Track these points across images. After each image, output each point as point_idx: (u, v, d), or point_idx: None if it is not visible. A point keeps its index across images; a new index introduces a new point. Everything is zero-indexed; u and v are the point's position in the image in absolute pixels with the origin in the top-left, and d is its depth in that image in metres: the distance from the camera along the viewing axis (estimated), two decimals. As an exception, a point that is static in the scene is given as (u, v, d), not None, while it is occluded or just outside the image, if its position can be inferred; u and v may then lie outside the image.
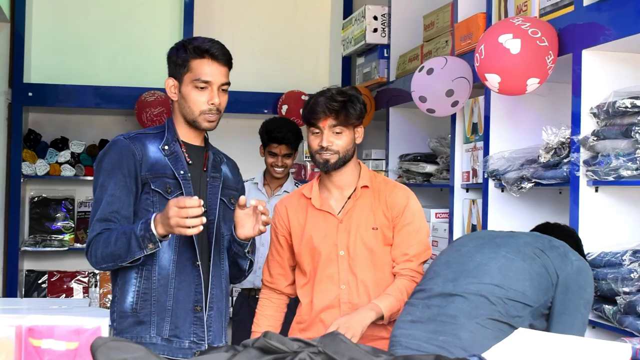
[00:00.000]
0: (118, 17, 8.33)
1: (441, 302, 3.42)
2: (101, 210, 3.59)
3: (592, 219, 4.10)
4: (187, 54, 3.69)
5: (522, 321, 3.33)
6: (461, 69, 5.30)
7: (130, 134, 3.78)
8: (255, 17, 8.73)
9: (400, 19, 7.13)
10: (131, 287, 3.64)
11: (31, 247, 8.21)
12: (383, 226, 4.04)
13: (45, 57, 8.38)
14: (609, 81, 4.07)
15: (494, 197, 5.11)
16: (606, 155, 3.89)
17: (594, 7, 4.02)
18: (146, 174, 3.65)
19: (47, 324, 2.67)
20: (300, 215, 4.14)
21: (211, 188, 3.80)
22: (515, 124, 5.08)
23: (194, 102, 3.69)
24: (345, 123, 3.94)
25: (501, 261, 3.47)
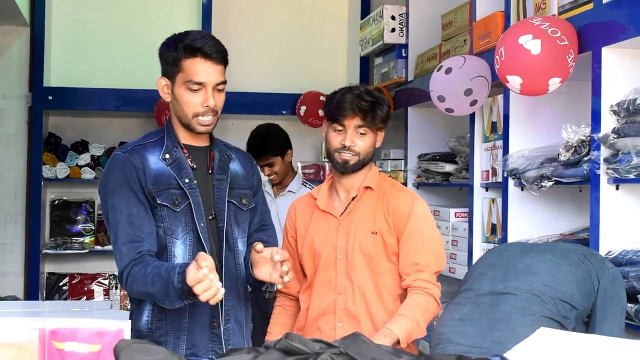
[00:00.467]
0: (136, 20, 8.36)
1: (491, 300, 3.45)
2: (124, 233, 3.38)
3: (613, 217, 4.08)
4: (178, 53, 3.46)
5: (570, 323, 3.37)
6: (480, 68, 5.30)
7: (127, 147, 3.56)
8: (272, 18, 8.74)
9: (418, 19, 7.12)
10: (146, 305, 3.49)
11: (52, 249, 8.25)
12: (383, 231, 3.88)
13: (64, 61, 8.42)
14: (629, 78, 4.06)
15: (513, 196, 5.10)
16: (627, 153, 3.88)
17: (613, 4, 4.01)
18: (151, 188, 3.45)
19: (69, 326, 2.68)
20: (306, 216, 4.04)
21: (218, 192, 3.58)
22: (535, 123, 5.07)
23: (187, 104, 3.47)
24: (371, 124, 3.82)
25: (549, 264, 3.53)
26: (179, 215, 3.44)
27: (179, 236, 3.44)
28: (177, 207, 3.44)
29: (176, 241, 3.43)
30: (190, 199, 3.45)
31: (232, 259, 3.59)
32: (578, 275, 3.49)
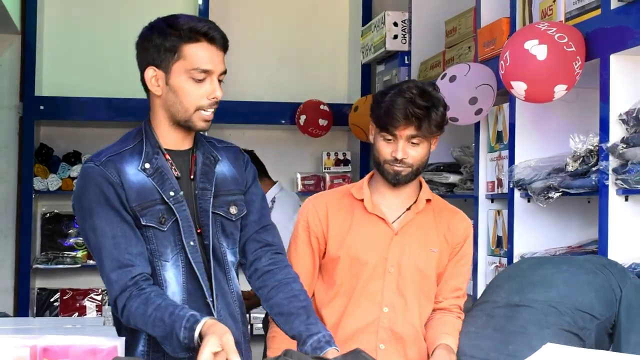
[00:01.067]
0: (129, 28, 8.30)
1: (507, 313, 3.47)
2: (109, 258, 3.04)
3: (622, 229, 4.09)
4: (175, 38, 3.07)
5: (590, 334, 3.38)
6: (485, 75, 5.31)
7: (101, 157, 3.15)
8: (271, 25, 8.77)
9: (421, 25, 7.14)
10: (141, 333, 3.14)
11: (43, 264, 8.25)
12: (443, 251, 3.66)
13: (56, 70, 8.45)
14: (638, 86, 4.07)
15: (520, 208, 5.11)
16: (636, 163, 3.89)
17: (621, 10, 4.03)
18: (134, 206, 3.08)
19: (62, 344, 2.69)
20: (344, 217, 3.65)
21: (201, 203, 3.21)
22: (542, 132, 5.08)
23: (189, 96, 3.10)
24: (426, 133, 3.49)
25: (565, 275, 3.54)
26: (167, 234, 3.13)
27: (169, 258, 3.14)
28: (164, 225, 3.11)
29: (166, 264, 3.12)
30: (177, 215, 3.12)
31: (223, 275, 3.26)
32: (596, 284, 3.50)
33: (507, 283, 3.67)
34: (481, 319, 3.50)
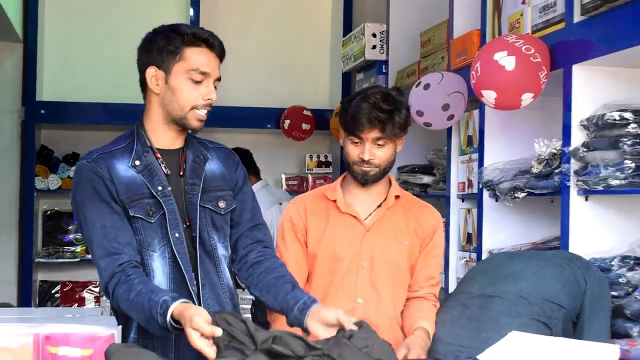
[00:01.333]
0: (125, 38, 8.35)
1: (480, 303, 3.48)
2: (99, 247, 3.04)
3: (583, 227, 4.11)
4: (179, 41, 3.11)
5: (557, 323, 3.40)
6: (457, 84, 5.32)
7: (92, 155, 3.15)
8: (258, 35, 8.77)
9: (398, 36, 7.15)
10: (132, 321, 3.13)
11: (44, 258, 8.25)
12: (413, 244, 3.62)
13: (56, 76, 8.43)
14: (598, 95, 4.07)
15: (488, 207, 5.13)
16: (595, 166, 3.91)
17: (583, 24, 4.04)
18: (124, 199, 3.09)
19: (63, 332, 2.70)
20: (320, 217, 3.64)
21: (190, 197, 3.20)
22: (509, 137, 5.10)
23: (185, 95, 3.11)
24: (390, 135, 3.47)
25: (534, 268, 3.57)
26: (154, 226, 3.12)
27: (156, 249, 3.13)
28: (152, 217, 3.11)
29: (153, 254, 3.12)
30: (165, 208, 3.11)
31: (213, 267, 3.24)
32: (563, 277, 3.53)
33: (481, 276, 3.69)
34: (456, 309, 3.51)
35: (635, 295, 3.69)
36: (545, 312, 3.40)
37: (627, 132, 3.78)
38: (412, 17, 7.07)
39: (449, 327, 3.46)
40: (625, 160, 3.76)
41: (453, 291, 3.76)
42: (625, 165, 3.75)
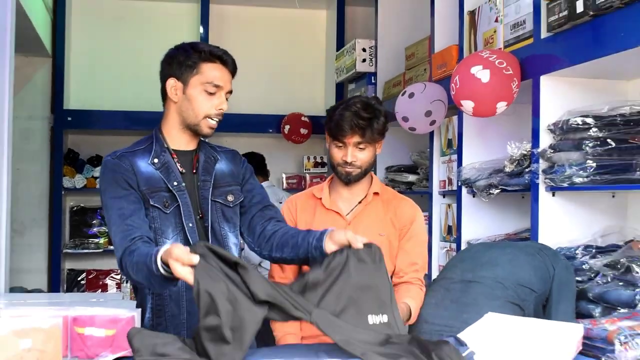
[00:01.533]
0: (143, 53, 8.37)
1: (462, 287, 3.48)
2: (115, 225, 3.04)
3: (550, 220, 4.11)
4: (196, 57, 3.15)
5: (529, 305, 3.40)
6: (438, 93, 5.33)
7: (117, 153, 3.19)
8: (261, 50, 8.76)
9: (385, 51, 7.16)
10: (147, 303, 3.17)
11: (71, 249, 8.25)
12: (390, 234, 3.59)
13: (81, 87, 8.43)
14: (563, 102, 4.07)
15: (466, 202, 5.13)
16: (561, 165, 3.91)
17: (550, 39, 4.05)
18: (144, 189, 3.11)
19: (88, 314, 2.70)
20: (308, 214, 3.67)
21: (202, 192, 3.22)
22: (484, 140, 5.10)
23: (200, 105, 3.15)
24: (370, 139, 3.48)
25: (509, 256, 3.56)
26: (169, 216, 3.14)
27: (169, 236, 3.14)
28: (167, 209, 3.13)
29: (167, 241, 3.11)
30: (179, 201, 3.13)
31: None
32: (534, 264, 3.54)
33: (461, 263, 3.69)
34: (440, 292, 3.51)
35: (597, 280, 3.69)
36: (519, 296, 3.40)
37: (588, 135, 3.78)
38: (397, 33, 7.09)
39: (434, 309, 3.45)
40: (588, 160, 3.76)
41: (436, 277, 3.75)
42: (588, 164, 3.76)
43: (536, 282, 3.48)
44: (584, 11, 3.66)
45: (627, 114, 3.75)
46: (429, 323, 3.39)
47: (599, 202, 4.21)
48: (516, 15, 4.47)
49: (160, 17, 8.67)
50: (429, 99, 5.30)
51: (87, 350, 2.65)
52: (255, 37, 8.80)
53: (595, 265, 3.72)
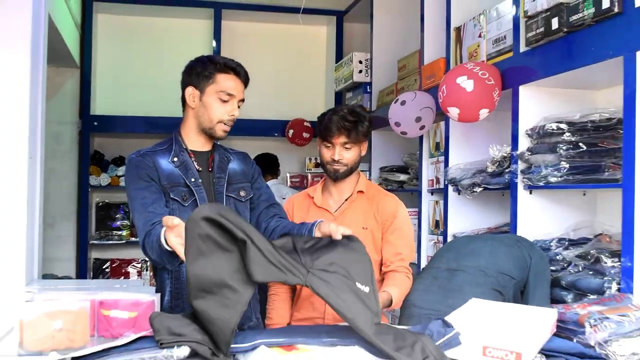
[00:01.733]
0: (162, 63, 8.37)
1: (447, 275, 3.48)
2: (138, 213, 3.08)
3: (528, 215, 4.11)
4: (213, 68, 3.21)
5: (509, 291, 3.41)
6: (427, 101, 5.33)
7: (140, 152, 3.24)
8: (268, 62, 8.75)
9: (380, 63, 7.16)
10: (166, 287, 3.22)
11: (97, 240, 8.24)
12: (373, 227, 3.61)
13: (106, 95, 8.43)
14: (539, 109, 4.07)
15: (452, 199, 5.14)
16: (538, 166, 3.91)
17: (528, 53, 4.05)
18: (165, 184, 3.15)
19: (113, 298, 2.71)
20: (302, 211, 3.74)
21: (218, 188, 3.26)
22: (469, 143, 5.10)
23: (215, 111, 3.20)
24: (355, 140, 3.56)
25: (490, 247, 3.58)
26: (187, 209, 3.15)
27: None
28: (185, 202, 3.17)
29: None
30: (196, 195, 3.17)
31: None
32: (513, 254, 3.55)
33: (447, 253, 3.69)
34: (428, 279, 3.51)
35: (569, 269, 3.69)
36: (500, 283, 3.41)
37: (562, 139, 3.78)
38: (390, 47, 7.09)
39: (422, 295, 3.46)
40: (561, 162, 3.76)
41: (425, 266, 3.76)
42: (561, 165, 3.76)
43: (515, 270, 3.48)
44: (559, 28, 3.67)
45: (597, 120, 3.75)
46: (417, 307, 3.39)
47: (571, 200, 4.21)
48: (497, 32, 4.47)
49: (177, 32, 8.66)
50: (419, 106, 5.30)
51: (112, 330, 2.65)
52: (262, 51, 8.79)
53: (568, 256, 3.73)
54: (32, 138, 4.43)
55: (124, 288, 3.02)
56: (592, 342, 2.51)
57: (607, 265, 3.42)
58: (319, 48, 9.10)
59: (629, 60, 3.14)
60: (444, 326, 2.40)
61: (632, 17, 3.17)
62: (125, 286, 3.26)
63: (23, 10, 4.35)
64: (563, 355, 2.42)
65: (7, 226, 4.28)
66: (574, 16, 3.55)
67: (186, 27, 8.72)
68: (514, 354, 2.20)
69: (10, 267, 4.26)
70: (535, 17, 3.89)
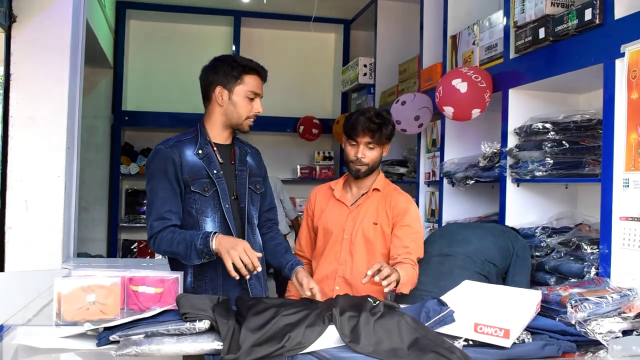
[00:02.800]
0: (187, 64, 8.36)
1: (439, 260, 3.48)
2: (156, 211, 3.04)
3: (515, 206, 4.11)
4: (240, 69, 3.18)
5: (492, 277, 3.42)
6: (425, 101, 5.32)
7: (169, 142, 3.17)
8: (282, 65, 8.74)
9: (382, 67, 7.15)
10: (189, 269, 3.11)
11: (126, 223, 8.25)
12: (383, 222, 3.47)
13: (136, 92, 8.43)
14: (526, 110, 4.07)
15: (447, 191, 5.13)
16: (525, 162, 3.91)
17: (517, 60, 4.04)
18: (187, 177, 3.09)
19: (141, 275, 2.71)
20: (323, 202, 3.66)
21: (240, 179, 3.23)
22: (462, 140, 5.09)
23: (243, 108, 3.18)
24: (378, 141, 3.43)
25: (479, 236, 3.59)
26: (208, 199, 3.13)
27: (209, 215, 3.14)
28: (207, 192, 3.12)
29: (206, 219, 3.12)
30: (218, 186, 3.13)
31: (251, 231, 3.24)
32: (499, 244, 3.54)
33: (439, 240, 3.68)
34: (422, 264, 3.50)
35: (552, 255, 3.69)
36: (485, 269, 3.42)
37: (547, 137, 3.77)
38: (392, 53, 7.08)
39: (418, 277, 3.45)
40: (546, 158, 3.75)
41: None
42: (546, 161, 3.75)
43: (499, 258, 3.49)
44: (545, 37, 3.66)
45: (579, 121, 3.74)
46: (413, 288, 3.39)
47: (554, 192, 4.20)
48: (490, 40, 4.46)
49: (201, 37, 8.66)
50: (417, 106, 5.29)
51: (140, 304, 2.66)
52: (277, 54, 8.78)
53: (551, 243, 3.72)
54: (70, 131, 4.44)
55: (150, 267, 3.03)
56: (573, 321, 2.50)
57: (586, 251, 3.41)
58: (328, 53, 9.08)
59: (608, 67, 3.12)
60: (439, 305, 2.39)
61: (612, 28, 3.16)
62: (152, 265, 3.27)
63: (64, 17, 4.36)
64: (547, 332, 2.41)
65: (47, 209, 4.29)
66: (559, 27, 3.54)
67: (209, 32, 8.72)
68: (503, 330, 2.20)
69: (49, 246, 4.28)
70: (524, 27, 3.87)
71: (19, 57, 4.25)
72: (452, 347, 2.10)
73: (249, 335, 2.09)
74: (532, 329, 2.41)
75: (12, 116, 4.22)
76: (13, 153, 4.23)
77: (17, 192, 4.25)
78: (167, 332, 2.11)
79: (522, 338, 2.30)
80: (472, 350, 2.17)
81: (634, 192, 2.92)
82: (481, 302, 2.57)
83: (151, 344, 2.04)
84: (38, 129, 4.27)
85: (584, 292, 2.69)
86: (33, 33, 4.26)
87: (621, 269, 3.00)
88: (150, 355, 2.03)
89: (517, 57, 4.03)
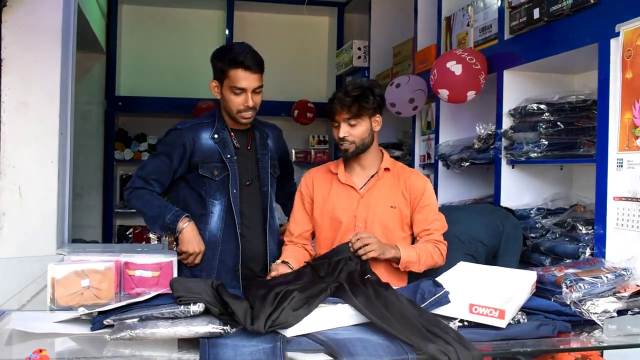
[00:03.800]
0: (180, 48, 8.34)
1: None
2: (145, 171, 3.22)
3: (510, 187, 4.12)
4: (225, 64, 3.19)
5: (481, 256, 3.44)
6: (420, 84, 5.31)
7: (186, 124, 3.27)
8: (276, 48, 8.71)
9: (377, 49, 7.13)
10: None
11: (121, 209, 8.25)
12: (401, 205, 3.16)
13: (130, 77, 8.41)
14: (521, 92, 4.07)
15: (442, 173, 5.13)
16: (520, 143, 3.91)
17: (511, 41, 4.04)
18: (197, 160, 3.20)
19: (137, 259, 2.72)
20: (324, 187, 3.27)
21: (262, 163, 3.31)
22: (457, 122, 5.09)
23: (232, 103, 3.21)
24: (358, 115, 3.08)
25: (467, 216, 3.62)
26: (218, 183, 3.20)
27: (217, 198, 3.21)
28: (217, 177, 3.19)
29: (215, 202, 3.20)
30: (229, 171, 3.20)
31: (271, 214, 3.32)
32: (487, 222, 3.57)
33: None
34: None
35: (547, 236, 3.70)
36: (472, 248, 3.44)
37: (542, 118, 3.78)
38: (386, 35, 7.05)
39: None
40: (541, 139, 3.76)
41: None
42: (541, 142, 3.75)
43: (486, 237, 3.50)
44: (540, 17, 3.65)
45: (574, 101, 3.74)
46: None
47: (549, 173, 4.21)
48: (484, 21, 4.45)
49: (194, 21, 8.62)
50: (412, 88, 5.28)
51: (137, 288, 2.67)
52: (271, 38, 8.75)
53: (546, 224, 3.73)
54: (63, 116, 4.43)
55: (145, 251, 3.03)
56: (568, 301, 2.52)
57: (581, 232, 3.43)
58: (322, 36, 9.06)
59: (603, 47, 3.12)
60: (434, 286, 2.40)
61: (607, 7, 3.16)
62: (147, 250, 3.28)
63: (55, 1, 4.33)
64: (542, 312, 2.42)
65: (41, 195, 4.29)
66: (553, 7, 3.53)
67: (202, 16, 8.67)
68: (498, 311, 2.21)
69: (43, 232, 4.27)
70: (519, 8, 3.87)
71: (9, 42, 4.22)
72: (447, 328, 2.11)
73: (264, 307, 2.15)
74: (527, 310, 2.41)
75: (4, 102, 4.21)
76: (5, 139, 4.22)
77: (10, 178, 4.24)
78: (161, 316, 2.12)
79: (517, 318, 2.31)
80: (467, 331, 2.18)
81: (628, 172, 2.93)
82: (476, 283, 2.58)
83: (145, 328, 2.05)
84: (30, 115, 4.26)
85: (579, 273, 2.70)
86: (24, 17, 4.24)
87: (616, 249, 3.02)
88: (145, 338, 2.04)
89: (512, 38, 4.02)
